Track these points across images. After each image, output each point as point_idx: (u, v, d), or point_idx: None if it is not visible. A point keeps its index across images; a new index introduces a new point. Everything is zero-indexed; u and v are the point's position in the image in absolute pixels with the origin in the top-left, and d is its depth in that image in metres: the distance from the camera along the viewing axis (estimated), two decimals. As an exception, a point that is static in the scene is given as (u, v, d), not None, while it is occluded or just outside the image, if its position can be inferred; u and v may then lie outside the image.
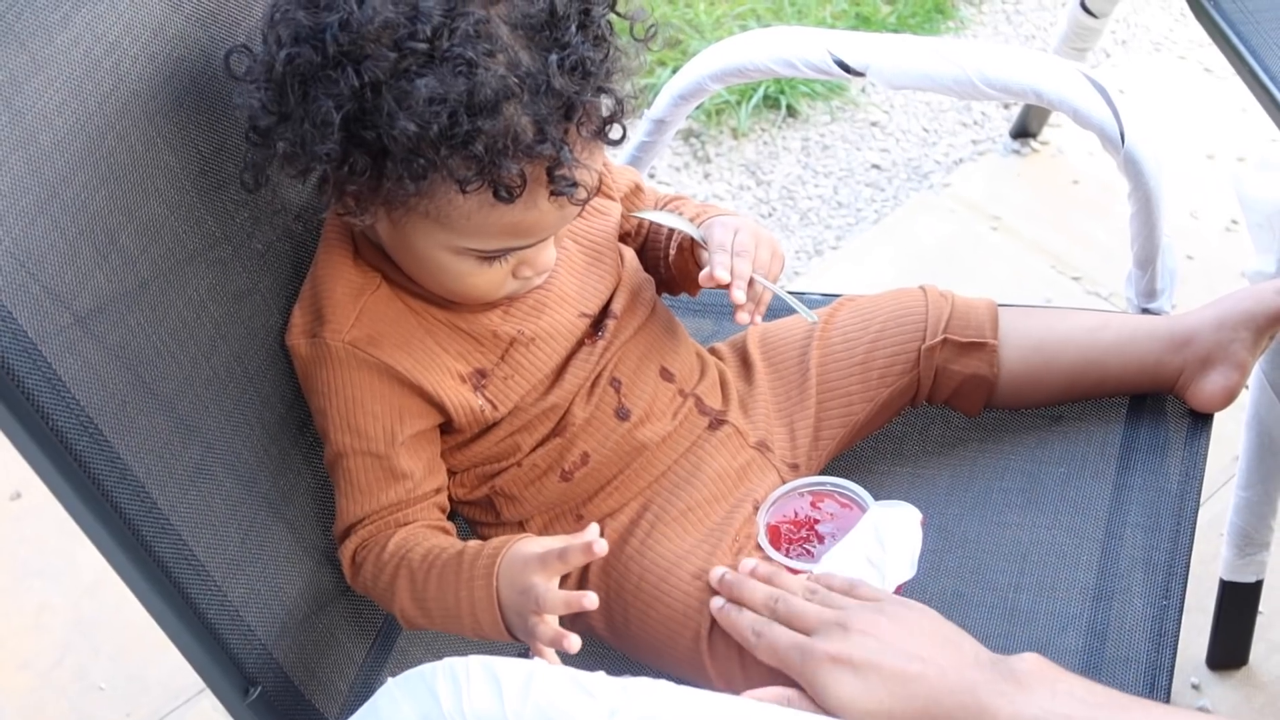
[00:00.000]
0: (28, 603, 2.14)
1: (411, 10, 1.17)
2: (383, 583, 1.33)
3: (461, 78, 1.16)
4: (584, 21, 1.22)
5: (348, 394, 1.32)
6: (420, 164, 1.18)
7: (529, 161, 1.19)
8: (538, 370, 1.37)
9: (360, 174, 1.20)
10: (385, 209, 1.25)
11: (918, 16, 2.82)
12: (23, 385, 1.14)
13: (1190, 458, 1.50)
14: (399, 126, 1.16)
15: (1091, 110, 1.51)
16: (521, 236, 1.26)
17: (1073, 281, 2.40)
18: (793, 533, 1.43)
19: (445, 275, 1.30)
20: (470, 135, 1.17)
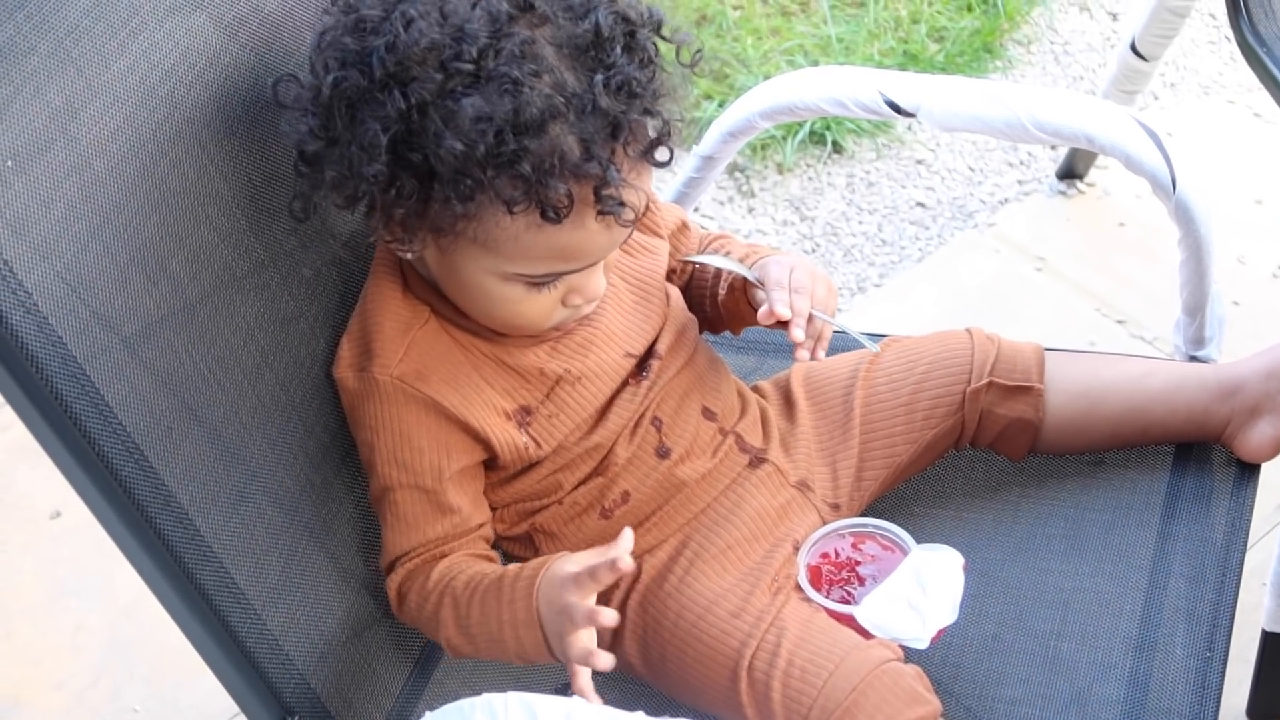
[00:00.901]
0: (64, 623, 2.15)
1: (457, 32, 1.17)
2: (427, 612, 1.33)
3: (508, 97, 1.17)
4: (629, 44, 1.23)
5: (395, 428, 1.32)
6: (467, 185, 1.18)
7: (576, 181, 1.20)
8: (583, 409, 1.37)
9: (408, 197, 1.20)
10: (433, 236, 1.25)
11: (965, 55, 2.82)
12: (70, 409, 1.15)
13: (1236, 508, 1.49)
14: (445, 146, 1.17)
15: (1143, 156, 1.50)
16: (569, 260, 1.26)
17: (1117, 325, 2.39)
18: (833, 574, 1.42)
19: (494, 304, 1.29)
20: (517, 155, 1.17)
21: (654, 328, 1.43)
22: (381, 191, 1.21)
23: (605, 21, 1.21)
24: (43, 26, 1.16)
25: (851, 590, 1.41)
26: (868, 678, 1.30)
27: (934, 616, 1.36)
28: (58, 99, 1.16)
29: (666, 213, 1.51)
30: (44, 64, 1.16)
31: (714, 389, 1.47)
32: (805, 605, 1.39)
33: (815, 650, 1.33)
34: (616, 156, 1.22)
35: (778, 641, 1.35)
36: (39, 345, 1.13)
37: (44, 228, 1.14)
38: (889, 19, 2.87)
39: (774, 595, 1.39)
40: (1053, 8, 2.93)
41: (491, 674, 1.46)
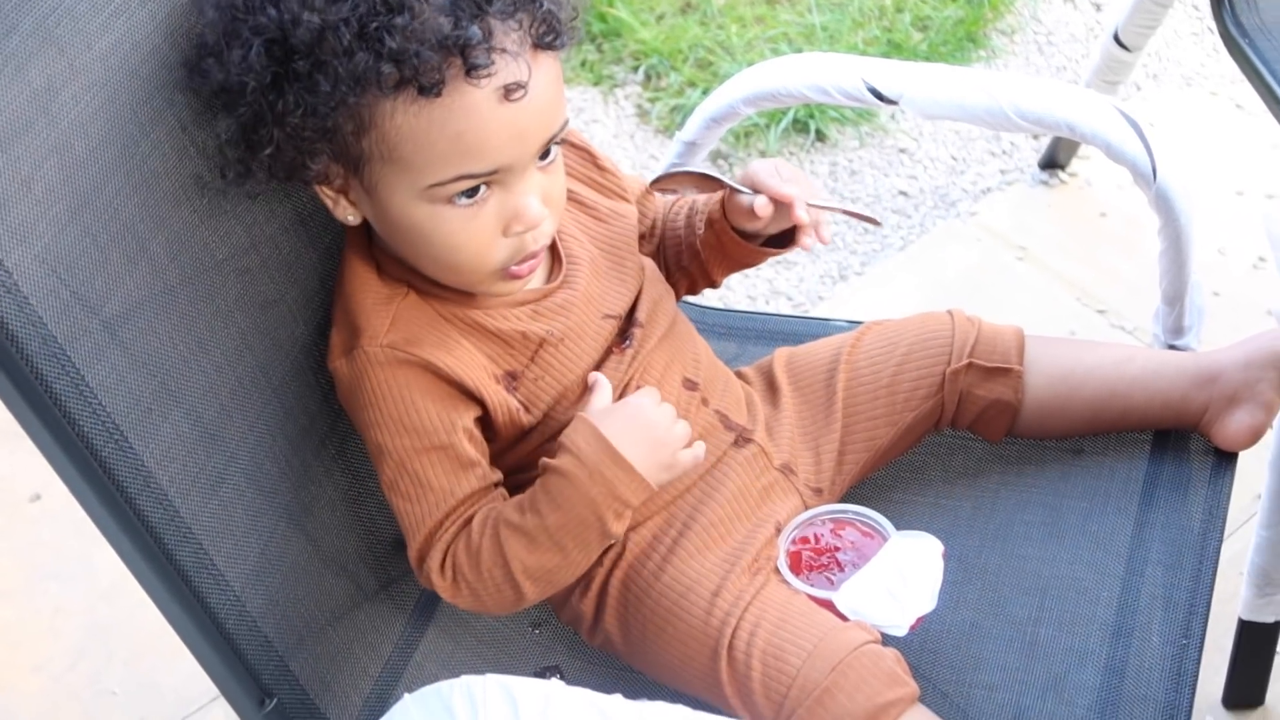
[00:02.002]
0: (43, 605, 2.15)
1: None
2: (485, 562, 1.31)
3: None
4: None
5: (397, 394, 1.31)
6: (340, 70, 1.20)
7: (444, 52, 1.21)
8: (568, 372, 1.37)
9: (295, 105, 1.22)
10: (354, 175, 1.27)
11: (949, 44, 2.82)
12: (50, 389, 1.15)
13: (1214, 496, 1.49)
14: (305, 23, 1.19)
15: (1125, 145, 1.51)
16: (474, 156, 1.25)
17: (1098, 314, 2.40)
18: (813, 560, 1.42)
19: (431, 240, 1.29)
20: (380, 31, 1.19)
21: (630, 290, 1.43)
22: (269, 103, 1.22)
23: None
24: (25, 5, 1.15)
25: (831, 576, 1.41)
26: (847, 658, 1.31)
27: (913, 604, 1.36)
28: (39, 79, 1.15)
29: (631, 181, 1.52)
30: (25, 43, 1.15)
31: (694, 360, 1.47)
32: (785, 586, 1.39)
33: (795, 630, 1.34)
34: (492, 30, 1.23)
35: (757, 621, 1.35)
36: (19, 325, 1.13)
37: (24, 208, 1.13)
38: (873, 7, 2.88)
39: (753, 576, 1.39)
40: (1036, -2, 2.94)
41: (470, 657, 1.46)
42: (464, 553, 1.32)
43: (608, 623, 1.42)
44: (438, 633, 1.48)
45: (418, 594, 1.50)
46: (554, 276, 1.40)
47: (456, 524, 1.33)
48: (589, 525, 1.30)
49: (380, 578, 1.48)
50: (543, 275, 1.39)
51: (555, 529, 1.30)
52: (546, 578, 1.33)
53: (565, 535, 1.31)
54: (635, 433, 1.31)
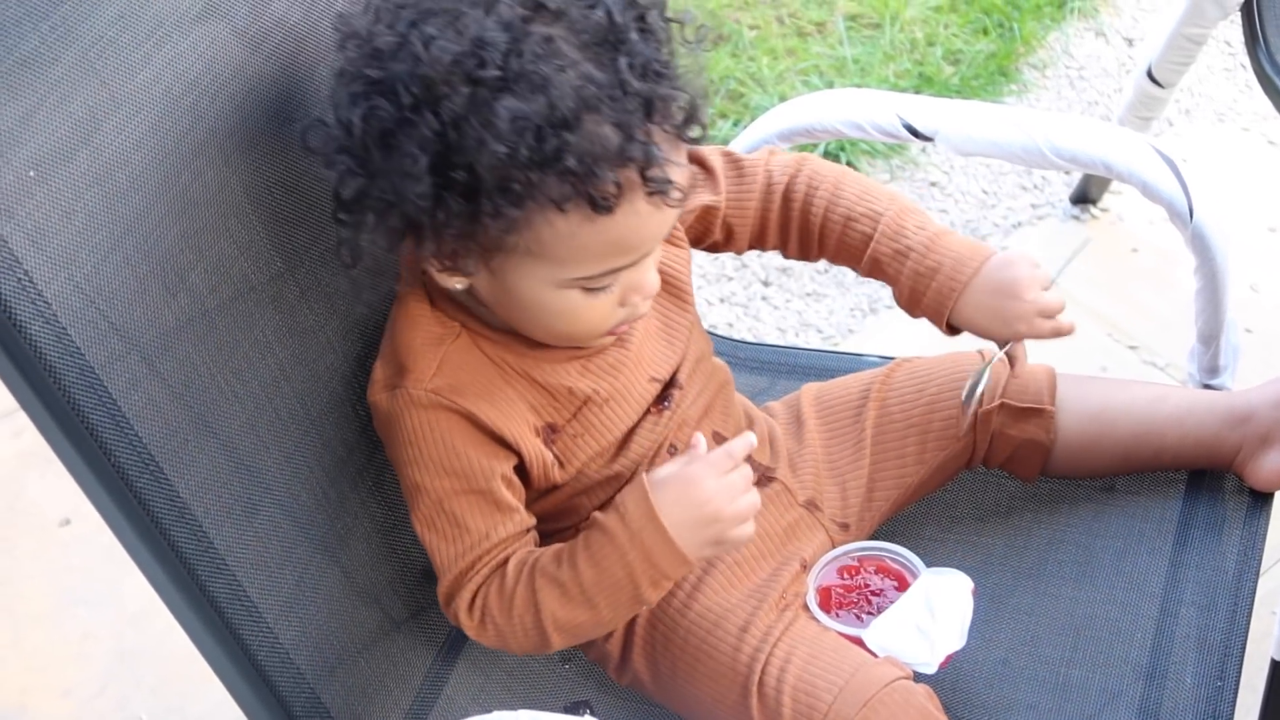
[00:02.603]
0: (72, 631, 2.15)
1: (477, 42, 1.17)
2: (518, 608, 1.31)
3: (540, 93, 1.16)
4: (642, 27, 1.23)
5: (437, 438, 1.30)
6: (515, 190, 1.17)
7: (620, 167, 1.19)
8: (607, 433, 1.37)
9: (456, 216, 1.19)
10: (484, 258, 1.23)
11: (980, 79, 2.82)
12: (86, 419, 1.15)
13: (1249, 537, 1.49)
14: (488, 151, 1.16)
15: (1161, 184, 1.50)
16: (624, 253, 1.25)
17: (1129, 350, 2.39)
18: (843, 596, 1.42)
19: (554, 317, 1.28)
20: (559, 150, 1.16)
21: (678, 353, 1.42)
22: (429, 215, 1.20)
23: (615, 8, 1.21)
24: (68, 36, 1.16)
25: (860, 614, 1.41)
26: (878, 694, 1.30)
27: (942, 641, 1.36)
28: (81, 109, 1.16)
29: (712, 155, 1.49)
30: (68, 73, 1.16)
31: (724, 412, 1.47)
32: (814, 622, 1.39)
33: (825, 666, 1.33)
34: (654, 137, 1.21)
35: (787, 657, 1.35)
36: (56, 355, 1.13)
37: (65, 238, 1.14)
38: (905, 41, 2.88)
39: (780, 612, 1.39)
40: (1069, 32, 2.93)
41: (500, 691, 1.46)
42: (496, 596, 1.32)
43: (635, 661, 1.42)
44: (468, 666, 1.48)
45: (448, 626, 1.50)
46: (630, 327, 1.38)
47: (490, 566, 1.33)
48: (623, 588, 1.30)
49: (411, 608, 1.48)
50: None
51: (590, 585, 1.30)
52: (575, 631, 1.33)
53: (599, 593, 1.30)
54: (685, 506, 1.28)
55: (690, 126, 1.25)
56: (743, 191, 1.48)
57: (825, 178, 1.47)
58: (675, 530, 1.27)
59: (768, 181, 1.48)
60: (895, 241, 1.44)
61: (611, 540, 1.29)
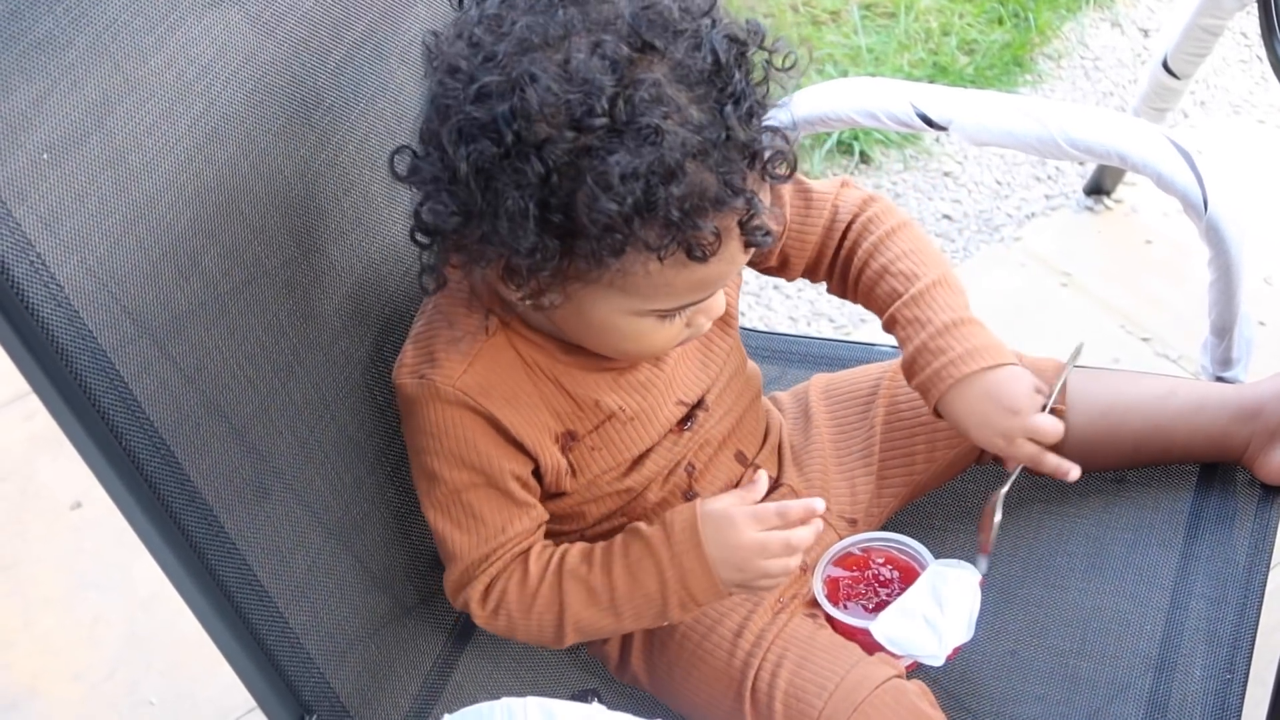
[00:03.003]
0: (83, 614, 2.16)
1: (584, 85, 1.13)
2: (539, 605, 1.32)
3: (651, 146, 1.13)
4: (744, 64, 1.19)
5: (458, 433, 1.30)
6: (617, 240, 1.15)
7: (719, 217, 1.17)
8: (624, 450, 1.37)
9: (551, 259, 1.17)
10: (564, 285, 1.21)
11: (995, 69, 2.82)
12: (98, 403, 1.15)
13: (1260, 530, 1.48)
14: (599, 207, 1.13)
15: (1175, 176, 1.50)
16: (707, 289, 1.24)
17: (1142, 342, 2.38)
18: (850, 588, 1.42)
19: (623, 339, 1.27)
20: (665, 202, 1.14)
21: (710, 377, 1.41)
22: (526, 258, 1.17)
23: (721, 48, 1.17)
24: (81, 20, 1.16)
25: (868, 605, 1.40)
26: (869, 697, 1.30)
27: (950, 633, 1.36)
28: (94, 93, 1.16)
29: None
30: (82, 57, 1.16)
31: (751, 432, 1.46)
32: (808, 623, 1.38)
33: (817, 669, 1.33)
34: (753, 183, 1.19)
35: (779, 661, 1.35)
36: (69, 339, 1.13)
37: (78, 221, 1.14)
38: (919, 30, 2.87)
39: (776, 614, 1.39)
40: (1084, 23, 2.93)
41: (508, 678, 1.46)
42: (517, 590, 1.32)
43: (634, 662, 1.42)
44: (477, 653, 1.48)
45: (457, 613, 1.50)
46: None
47: (506, 558, 1.33)
48: (653, 603, 1.30)
49: (422, 593, 1.47)
50: None
51: (621, 595, 1.30)
52: (591, 633, 1.34)
53: (627, 604, 1.31)
54: (723, 546, 1.29)
55: (780, 166, 1.22)
56: (807, 223, 1.45)
57: (882, 223, 1.44)
58: (722, 567, 1.28)
59: (832, 217, 1.45)
60: (919, 309, 1.40)
61: (652, 554, 1.30)
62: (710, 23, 1.19)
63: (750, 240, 1.19)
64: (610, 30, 1.15)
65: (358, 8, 1.36)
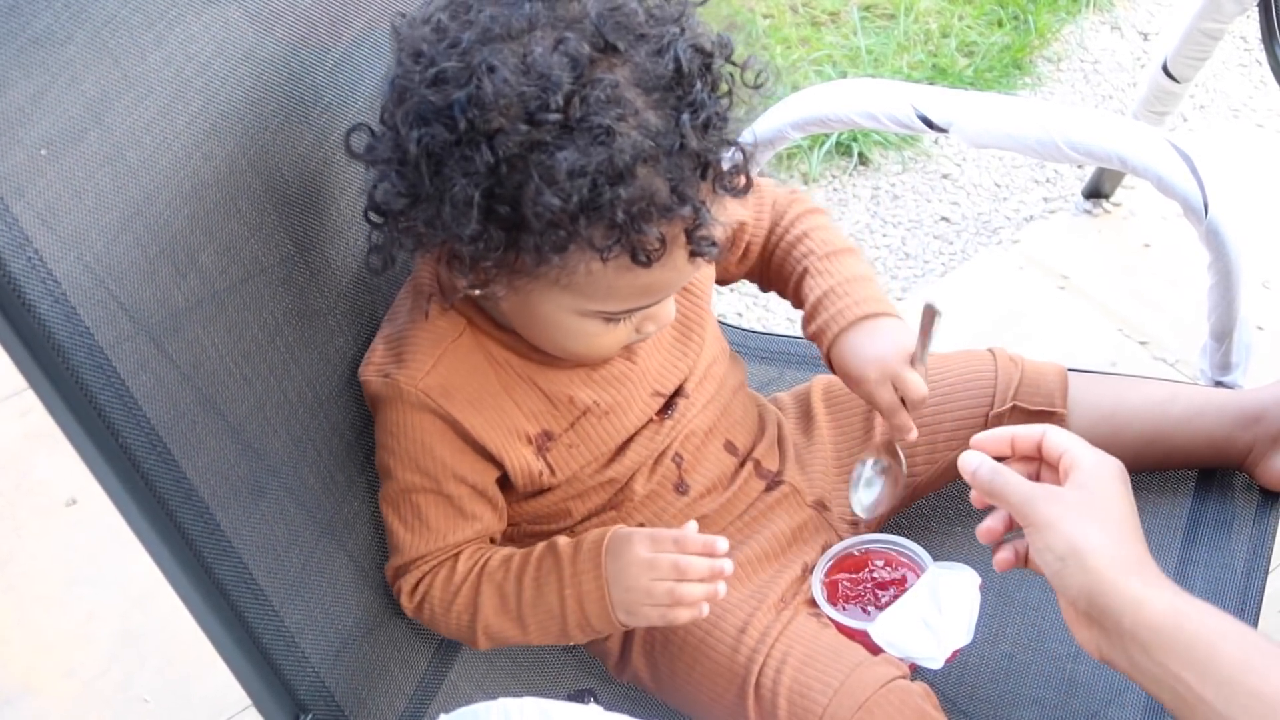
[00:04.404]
0: (77, 611, 2.15)
1: (541, 80, 1.13)
2: (458, 605, 1.33)
3: (600, 147, 1.13)
4: (707, 76, 1.19)
5: (416, 437, 1.31)
6: (560, 236, 1.15)
7: (667, 223, 1.17)
8: (603, 443, 1.37)
9: (494, 249, 1.17)
10: (510, 278, 1.22)
11: (995, 71, 2.82)
12: (94, 400, 1.15)
13: (1258, 535, 1.48)
14: (543, 201, 1.13)
15: (1176, 179, 1.50)
16: (653, 295, 1.25)
17: (1140, 346, 2.38)
18: (849, 590, 1.42)
19: (569, 338, 1.28)
20: (610, 203, 1.14)
21: (687, 366, 1.42)
22: (470, 245, 1.18)
23: (684, 56, 1.17)
24: (81, 15, 1.16)
25: (867, 607, 1.40)
26: (873, 696, 1.30)
27: (949, 636, 1.35)
28: (93, 89, 1.16)
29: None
30: (81, 53, 1.15)
31: (738, 421, 1.46)
32: (812, 622, 1.38)
33: (821, 667, 1.33)
34: (704, 194, 1.19)
35: (783, 658, 1.35)
36: (65, 335, 1.12)
37: (75, 218, 1.13)
38: (919, 32, 2.87)
39: (780, 613, 1.39)
40: (1084, 26, 2.93)
41: (504, 678, 1.46)
42: (441, 588, 1.34)
43: (635, 660, 1.42)
44: (472, 653, 1.48)
45: (453, 612, 1.50)
46: None
47: (439, 558, 1.35)
48: (554, 619, 1.31)
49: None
50: None
51: (527, 606, 1.32)
52: (501, 640, 1.35)
53: (532, 616, 1.32)
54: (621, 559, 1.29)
55: (737, 178, 1.23)
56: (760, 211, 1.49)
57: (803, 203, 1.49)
58: (614, 586, 1.28)
59: (774, 201, 1.49)
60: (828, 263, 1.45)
61: (558, 568, 1.31)
62: (679, 30, 1.19)
63: (696, 250, 1.20)
64: (575, 28, 1.16)
65: (356, 6, 1.36)
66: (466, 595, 1.33)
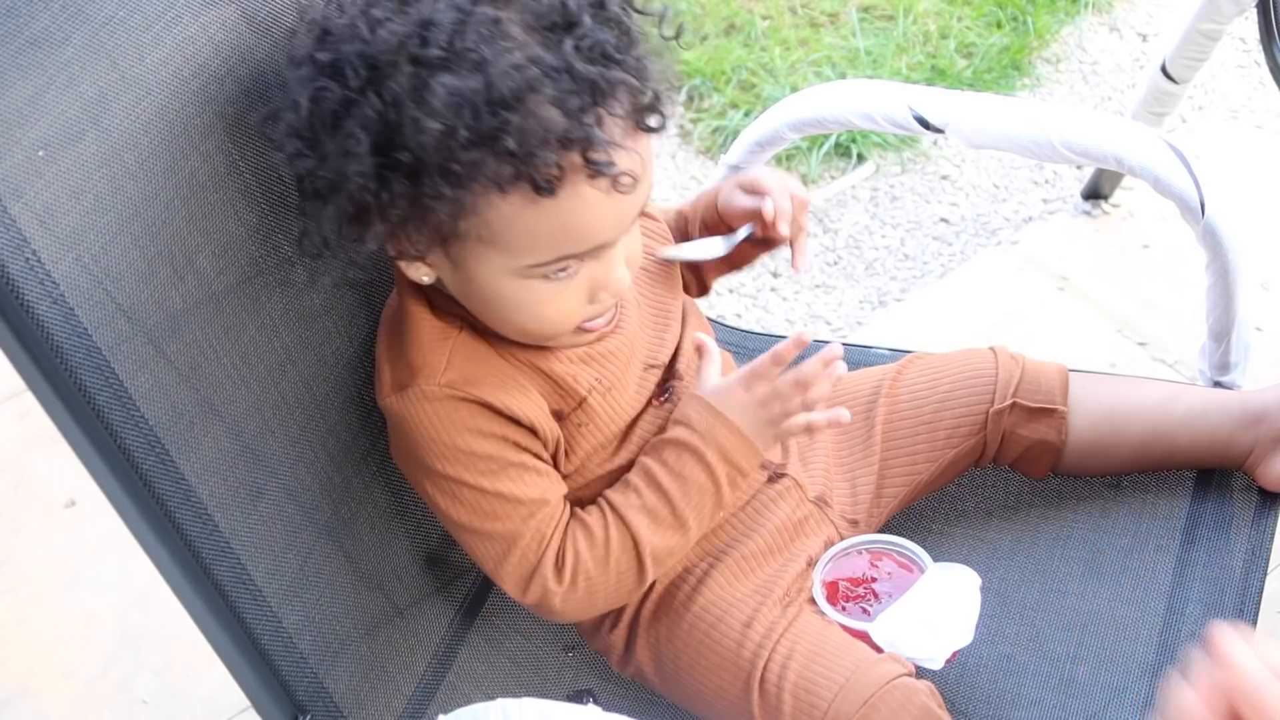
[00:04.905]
0: (76, 612, 2.15)
1: (424, 23, 1.16)
2: (614, 549, 1.33)
3: (477, 73, 1.15)
4: (597, 14, 1.21)
5: (460, 424, 1.29)
6: (456, 170, 1.16)
7: (563, 149, 1.17)
8: (610, 422, 1.36)
9: (401, 197, 1.19)
10: (441, 247, 1.23)
11: (994, 72, 2.82)
12: (93, 401, 1.15)
13: (1257, 536, 1.48)
14: (425, 129, 1.15)
15: (1172, 179, 1.50)
16: (577, 240, 1.24)
17: (1139, 347, 2.38)
18: (850, 590, 1.42)
19: (517, 310, 1.28)
20: (498, 131, 1.15)
21: (673, 338, 1.42)
22: (373, 196, 1.19)
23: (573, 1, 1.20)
24: (78, 16, 1.16)
25: (867, 607, 1.40)
26: (879, 693, 1.30)
27: (949, 636, 1.35)
28: (91, 90, 1.16)
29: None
30: (78, 54, 1.16)
31: None
32: (817, 618, 1.39)
33: (827, 663, 1.33)
34: (602, 121, 1.20)
35: (789, 653, 1.35)
36: (64, 336, 1.13)
37: (73, 219, 1.14)
38: (918, 33, 2.87)
39: (785, 608, 1.39)
40: (1082, 27, 2.93)
41: (503, 679, 1.46)
42: (587, 547, 1.33)
43: (639, 654, 1.42)
44: (471, 653, 1.48)
45: (451, 612, 1.50)
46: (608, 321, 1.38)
47: (560, 526, 1.33)
48: (706, 493, 1.33)
49: (414, 594, 1.48)
50: None
51: (678, 500, 1.33)
52: (667, 558, 1.35)
53: (685, 506, 1.33)
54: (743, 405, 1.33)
55: (649, 115, 1.23)
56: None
57: None
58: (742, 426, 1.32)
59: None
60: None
61: (688, 448, 1.33)
62: None
63: (594, 172, 1.19)
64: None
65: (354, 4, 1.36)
66: (617, 537, 1.32)
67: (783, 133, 1.68)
